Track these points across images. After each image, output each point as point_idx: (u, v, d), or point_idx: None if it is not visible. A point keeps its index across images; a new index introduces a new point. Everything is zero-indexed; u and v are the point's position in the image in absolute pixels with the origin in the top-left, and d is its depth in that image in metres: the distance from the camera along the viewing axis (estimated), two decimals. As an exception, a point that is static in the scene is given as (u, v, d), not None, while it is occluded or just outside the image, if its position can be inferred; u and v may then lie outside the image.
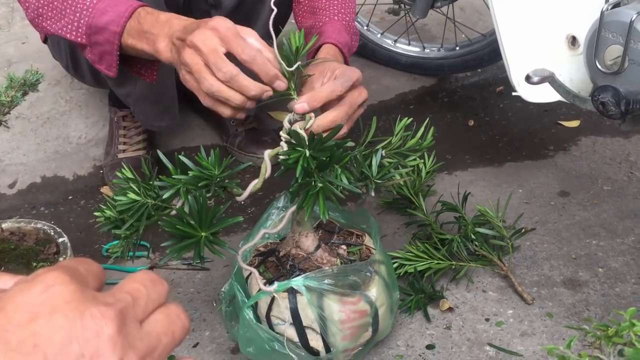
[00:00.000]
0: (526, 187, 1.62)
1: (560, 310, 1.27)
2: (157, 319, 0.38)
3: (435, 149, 1.53)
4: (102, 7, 1.10)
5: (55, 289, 0.35)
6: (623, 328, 0.64)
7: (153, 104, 1.53)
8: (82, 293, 0.35)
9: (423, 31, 2.18)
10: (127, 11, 1.09)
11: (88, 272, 0.38)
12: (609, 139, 1.78)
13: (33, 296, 0.34)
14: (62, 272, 0.36)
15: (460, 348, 1.20)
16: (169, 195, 0.88)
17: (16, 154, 1.77)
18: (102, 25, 1.10)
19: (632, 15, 1.15)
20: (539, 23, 1.33)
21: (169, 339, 0.38)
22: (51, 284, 0.35)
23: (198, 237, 0.85)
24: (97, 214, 0.93)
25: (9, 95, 1.04)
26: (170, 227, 0.83)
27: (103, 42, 1.12)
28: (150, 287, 0.39)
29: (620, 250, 1.41)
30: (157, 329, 0.38)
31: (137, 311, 0.37)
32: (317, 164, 0.89)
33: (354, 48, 1.35)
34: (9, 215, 1.57)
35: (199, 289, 1.35)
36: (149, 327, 0.37)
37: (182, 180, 0.89)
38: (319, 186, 0.89)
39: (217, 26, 0.97)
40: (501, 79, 2.04)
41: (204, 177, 0.89)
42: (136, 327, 0.37)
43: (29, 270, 1.19)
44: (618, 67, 1.19)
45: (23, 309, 0.34)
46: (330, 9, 1.33)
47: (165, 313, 0.39)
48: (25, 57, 2.08)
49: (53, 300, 0.34)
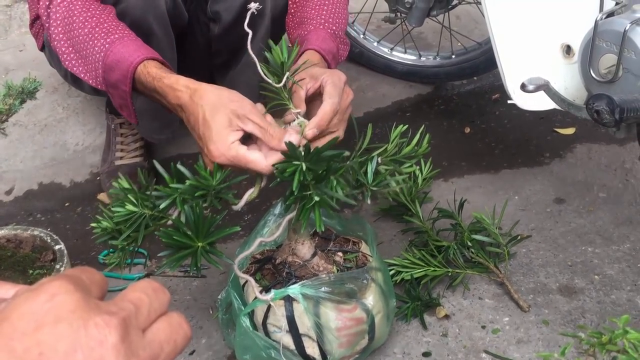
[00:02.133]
0: (522, 194, 1.62)
1: (556, 317, 1.28)
2: (159, 327, 0.39)
3: (432, 156, 1.54)
4: (109, 62, 1.12)
5: (59, 298, 0.35)
6: (617, 335, 0.65)
7: (153, 119, 1.55)
8: (86, 302, 0.36)
9: (419, 39, 2.19)
10: (129, 71, 1.09)
11: (91, 281, 0.39)
12: (604, 146, 1.79)
13: (38, 305, 0.35)
14: (66, 281, 0.36)
15: (457, 355, 1.21)
16: (165, 205, 0.88)
17: (13, 161, 1.77)
18: (114, 82, 1.13)
19: (626, 25, 1.16)
20: (534, 32, 1.34)
21: (171, 347, 0.39)
22: (56, 293, 0.35)
23: (195, 247, 0.85)
24: (93, 224, 0.92)
25: (6, 103, 1.04)
26: (167, 238, 0.83)
27: (118, 96, 1.16)
28: (152, 296, 0.39)
29: (616, 258, 1.41)
30: (159, 338, 0.38)
31: (140, 320, 0.38)
32: (314, 177, 0.89)
33: (341, 57, 1.35)
34: (6, 222, 1.57)
35: (196, 297, 1.35)
36: (151, 335, 0.38)
37: (178, 190, 0.88)
38: (315, 200, 0.89)
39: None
40: (497, 86, 2.05)
41: (201, 187, 0.89)
42: (139, 335, 0.37)
43: (25, 278, 1.19)
44: (612, 76, 1.20)
45: (28, 318, 0.34)
46: (318, 18, 1.34)
47: (167, 321, 0.39)
48: (23, 64, 2.08)
49: (58, 309, 0.35)
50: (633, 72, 1.17)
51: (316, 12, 1.35)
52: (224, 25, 1.47)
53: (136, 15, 1.31)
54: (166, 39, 1.40)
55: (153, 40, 1.38)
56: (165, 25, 1.37)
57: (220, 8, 1.45)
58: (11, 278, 1.18)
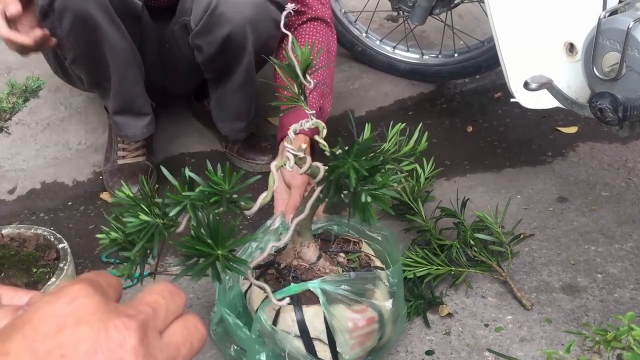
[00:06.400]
0: (524, 192, 1.62)
1: (559, 315, 1.27)
2: (175, 329, 0.40)
3: (434, 155, 1.54)
4: None
5: (80, 301, 0.36)
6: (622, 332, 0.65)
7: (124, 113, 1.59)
8: (105, 305, 0.37)
9: (422, 38, 2.19)
10: None
11: (108, 285, 0.40)
12: (606, 145, 1.79)
13: (59, 308, 0.36)
14: (86, 284, 0.37)
15: (460, 354, 1.21)
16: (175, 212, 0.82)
17: (16, 160, 1.77)
18: None
19: (629, 23, 1.16)
20: (536, 30, 1.34)
21: (187, 349, 0.40)
22: (76, 296, 0.36)
23: (214, 255, 0.80)
24: (99, 236, 0.87)
25: (10, 101, 1.04)
26: (189, 248, 0.79)
27: None
28: (169, 299, 0.40)
29: (619, 256, 1.41)
30: (176, 340, 0.39)
31: (157, 322, 0.39)
32: (363, 174, 0.86)
33: (326, 115, 1.46)
34: (9, 221, 1.57)
35: (199, 295, 1.35)
36: (168, 338, 0.39)
37: (190, 197, 0.83)
38: (368, 199, 0.87)
39: None
40: (499, 85, 2.05)
41: (214, 193, 0.84)
42: (157, 338, 0.38)
43: (29, 276, 1.19)
44: (615, 74, 1.20)
45: (50, 320, 0.35)
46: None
47: (184, 324, 0.40)
48: (25, 64, 2.08)
49: (78, 311, 0.36)
50: (636, 70, 1.17)
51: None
52: (206, 57, 1.48)
53: (76, 8, 1.32)
54: (114, 30, 1.40)
55: (100, 33, 1.38)
56: (110, 15, 1.37)
57: (201, 42, 1.46)
58: (15, 276, 1.18)
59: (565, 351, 0.69)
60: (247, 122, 1.68)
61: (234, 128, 1.68)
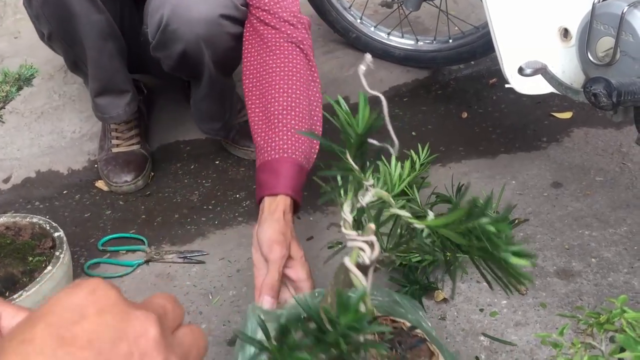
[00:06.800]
0: (519, 178, 1.63)
1: (553, 300, 1.29)
2: (184, 332, 0.42)
3: (429, 141, 1.55)
4: None
5: (100, 292, 0.38)
6: (614, 315, 0.66)
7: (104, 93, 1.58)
8: (123, 298, 0.38)
9: (416, 24, 2.18)
10: None
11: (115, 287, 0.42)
12: (601, 130, 1.80)
13: (80, 298, 0.37)
14: (101, 280, 0.39)
15: (455, 338, 1.22)
16: None
17: (10, 149, 1.77)
18: None
19: (624, 8, 1.16)
20: (531, 15, 1.33)
21: (196, 352, 0.41)
22: (95, 288, 0.38)
23: None
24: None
25: (3, 90, 1.04)
26: None
27: None
28: (173, 305, 0.42)
29: (613, 241, 1.42)
30: (186, 341, 0.41)
31: (168, 322, 0.41)
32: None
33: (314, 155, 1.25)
34: (4, 210, 1.57)
35: (195, 282, 1.36)
36: (179, 338, 0.41)
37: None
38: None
39: None
40: (494, 71, 2.05)
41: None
42: (171, 335, 0.40)
43: (25, 265, 1.19)
44: (610, 59, 1.20)
45: (73, 309, 0.36)
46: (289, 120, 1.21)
47: (190, 329, 0.42)
48: (18, 52, 2.07)
49: (100, 301, 0.37)
50: (630, 54, 1.17)
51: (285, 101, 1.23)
52: (168, 68, 1.49)
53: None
54: (89, 18, 1.39)
55: (77, 21, 1.38)
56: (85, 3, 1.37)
57: (160, 55, 1.45)
58: (11, 265, 1.18)
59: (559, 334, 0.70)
60: (223, 123, 1.68)
61: (212, 128, 1.69)
